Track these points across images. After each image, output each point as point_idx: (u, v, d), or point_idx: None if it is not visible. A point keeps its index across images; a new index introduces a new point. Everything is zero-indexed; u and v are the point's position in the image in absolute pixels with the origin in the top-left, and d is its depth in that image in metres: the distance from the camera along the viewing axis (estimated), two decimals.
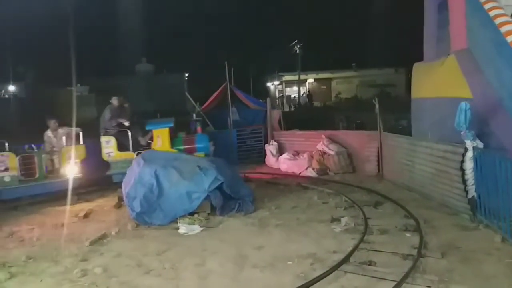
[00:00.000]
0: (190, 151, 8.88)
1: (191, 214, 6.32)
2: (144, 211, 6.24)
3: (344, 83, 37.36)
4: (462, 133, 5.72)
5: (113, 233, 5.93)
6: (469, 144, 5.65)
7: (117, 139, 8.89)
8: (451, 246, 4.83)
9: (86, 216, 6.95)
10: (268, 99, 13.54)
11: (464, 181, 5.74)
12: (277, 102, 33.55)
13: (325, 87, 37.70)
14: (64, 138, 8.45)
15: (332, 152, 9.81)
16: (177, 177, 6.47)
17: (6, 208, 7.59)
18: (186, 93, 16.38)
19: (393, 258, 4.59)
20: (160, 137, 8.82)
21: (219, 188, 6.52)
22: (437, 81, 7.36)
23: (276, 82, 40.19)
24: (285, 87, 39.16)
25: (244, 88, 16.76)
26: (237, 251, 5.05)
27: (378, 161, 9.00)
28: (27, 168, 7.86)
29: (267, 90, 40.20)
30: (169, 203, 6.30)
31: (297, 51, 34.06)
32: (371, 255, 4.66)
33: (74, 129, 8.57)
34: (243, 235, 5.68)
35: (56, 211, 7.43)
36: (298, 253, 4.84)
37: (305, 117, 18.41)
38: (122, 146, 8.91)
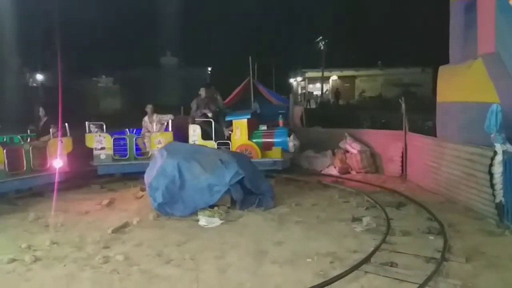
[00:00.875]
0: (267, 146, 9.20)
1: (212, 206, 6.36)
2: (165, 202, 6.32)
3: (368, 81, 36.82)
4: (492, 136, 5.56)
5: (134, 222, 6.02)
6: (499, 147, 5.49)
7: (202, 129, 9.47)
8: (476, 251, 4.70)
9: (109, 204, 7.09)
10: (290, 95, 13.47)
11: (492, 185, 5.58)
12: (299, 99, 33.37)
13: (348, 84, 37.27)
14: (155, 124, 9.40)
15: (354, 151, 9.68)
16: (199, 170, 6.51)
17: (32, 194, 7.81)
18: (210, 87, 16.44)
19: (416, 260, 4.50)
20: (239, 129, 9.30)
21: (240, 182, 6.53)
22: (464, 85, 7.15)
23: (299, 79, 39.95)
24: (308, 83, 38.89)
25: (267, 83, 16.71)
26: (256, 246, 5.05)
27: (402, 161, 8.83)
28: (119, 149, 9.18)
29: (290, 86, 40.03)
30: (190, 195, 6.35)
31: (321, 48, 33.73)
32: (392, 256, 4.58)
33: (168, 116, 9.61)
34: (263, 230, 5.68)
35: (79, 198, 7.59)
36: (318, 251, 4.80)
37: (328, 114, 18.25)
38: (206, 135, 9.44)
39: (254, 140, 9.33)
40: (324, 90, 34.58)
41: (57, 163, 8.00)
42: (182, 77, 26.52)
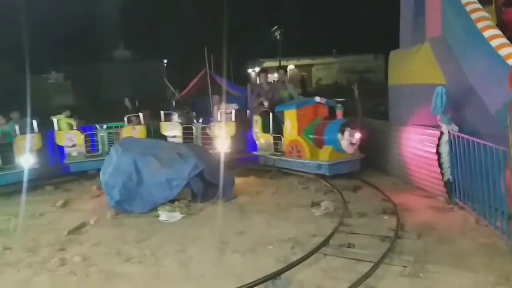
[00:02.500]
0: (318, 144, 7.67)
1: (172, 201, 6.29)
2: (123, 199, 6.18)
3: (324, 70, 37.49)
4: (437, 117, 5.83)
5: (91, 222, 5.86)
6: (444, 128, 5.77)
7: (262, 120, 8.68)
8: (427, 228, 4.96)
9: (64, 205, 6.84)
10: (248, 85, 13.47)
11: (440, 164, 5.87)
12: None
13: (305, 73, 37.75)
14: (219, 114, 9.00)
15: None
16: (156, 165, 6.40)
17: None
18: (165, 80, 16.17)
19: (371, 240, 4.69)
20: (289, 120, 7.98)
21: (200, 175, 6.49)
22: (413, 68, 7.47)
23: (257, 69, 39.98)
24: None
25: (224, 74, 16.62)
26: (218, 237, 5.06)
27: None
28: (187, 137, 9.25)
29: (248, 76, 39.98)
30: (149, 191, 6.24)
31: (277, 37, 33.90)
32: (350, 237, 4.74)
33: (233, 105, 9.29)
34: (224, 221, 5.69)
35: (33, 200, 7.27)
36: (279, 237, 4.89)
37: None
38: (266, 127, 8.64)
39: (305, 136, 7.84)
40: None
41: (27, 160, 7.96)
42: (137, 71, 25.84)
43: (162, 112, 9.67)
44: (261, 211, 6.03)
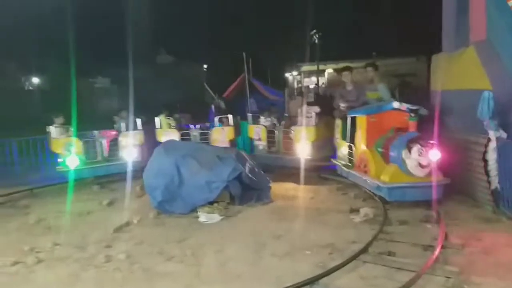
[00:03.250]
0: (386, 159, 6.39)
1: (211, 203, 6.41)
2: (165, 200, 6.37)
3: (362, 73, 36.78)
4: (485, 122, 5.61)
5: (135, 221, 6.08)
6: (492, 134, 5.55)
7: (342, 125, 7.87)
8: (472, 238, 4.78)
9: (109, 204, 7.14)
10: (286, 89, 13.51)
11: (486, 172, 5.65)
12: (295, 93, 33.33)
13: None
14: (300, 118, 8.82)
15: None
16: (197, 167, 6.56)
17: (33, 195, 7.87)
18: (205, 84, 16.51)
19: (413, 249, 4.58)
20: (360, 128, 6.95)
21: (238, 178, 6.58)
22: (457, 73, 7.22)
23: (295, 73, 39.90)
24: (304, 77, 38.83)
25: (262, 78, 16.76)
26: (255, 239, 5.11)
27: None
28: (270, 140, 9.46)
29: (285, 80, 39.98)
30: (189, 193, 6.40)
31: (316, 41, 33.67)
32: (390, 245, 4.65)
33: (315, 108, 8.83)
34: (262, 224, 5.74)
35: (80, 199, 7.64)
36: (317, 242, 4.87)
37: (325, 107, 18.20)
38: (344, 134, 7.69)
39: (375, 149, 6.66)
40: (320, 83, 34.54)
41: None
42: (179, 75, 26.54)
43: (249, 115, 9.81)
44: (299, 215, 6.03)
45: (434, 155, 5.83)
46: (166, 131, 9.64)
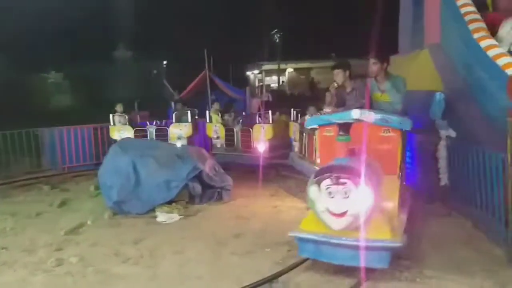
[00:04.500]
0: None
1: (170, 202, 6.28)
2: (121, 200, 6.16)
3: (323, 73, 37.52)
4: (436, 122, 5.86)
5: (89, 222, 5.84)
6: (442, 133, 5.80)
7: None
8: (425, 233, 4.96)
9: (61, 205, 6.82)
10: (247, 88, 13.51)
11: (437, 170, 5.89)
12: (257, 91, 33.46)
13: (303, 76, 37.81)
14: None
15: None
16: (155, 166, 6.39)
17: None
18: (164, 81, 16.19)
19: None
20: (316, 142, 6.13)
21: (198, 176, 6.49)
22: (412, 74, 7.48)
23: (256, 71, 40.05)
24: (265, 76, 39.08)
25: (223, 76, 16.66)
26: (215, 239, 5.06)
27: None
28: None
29: (247, 79, 40.04)
30: (147, 192, 6.24)
31: (277, 40, 33.97)
32: None
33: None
34: (222, 223, 5.69)
35: (29, 200, 7.26)
36: (276, 240, 4.88)
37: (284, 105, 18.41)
38: None
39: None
40: (281, 81, 34.93)
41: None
42: (137, 71, 25.89)
43: (293, 111, 9.52)
44: (258, 213, 6.03)
45: (355, 198, 3.63)
46: (215, 126, 9.89)
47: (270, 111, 9.07)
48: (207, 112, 10.28)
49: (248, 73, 41.19)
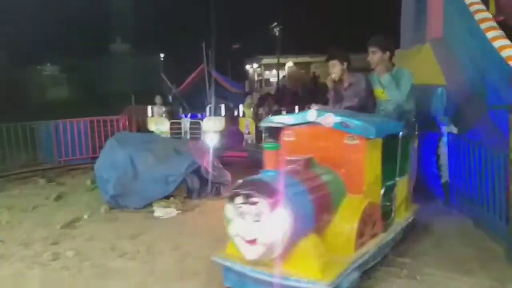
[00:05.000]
0: None
1: (167, 197, 6.22)
2: (118, 194, 6.10)
3: (322, 67, 37.44)
4: (438, 118, 5.81)
5: (85, 216, 5.78)
6: (444, 129, 5.75)
7: None
8: (425, 230, 4.93)
9: (57, 199, 6.76)
10: (246, 82, 13.43)
11: (438, 166, 5.85)
12: (256, 85, 33.37)
13: (303, 71, 37.71)
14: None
15: None
16: (152, 160, 6.33)
17: None
18: (162, 74, 16.06)
19: None
20: None
21: (196, 171, 6.43)
22: (413, 68, 7.42)
23: (255, 65, 39.89)
24: (264, 70, 38.95)
25: (222, 70, 16.58)
26: (213, 234, 4.99)
27: None
28: None
29: (246, 73, 39.91)
30: (145, 186, 6.17)
31: (277, 34, 33.77)
32: None
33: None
34: (220, 218, 5.60)
35: (25, 194, 7.20)
36: None
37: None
38: None
39: None
40: (281, 76, 34.79)
41: None
42: (134, 64, 25.72)
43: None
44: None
45: (267, 223, 2.92)
46: (246, 120, 9.93)
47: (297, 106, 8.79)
48: (208, 107, 10.11)
49: (248, 67, 41.04)
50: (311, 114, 3.74)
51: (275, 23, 33.62)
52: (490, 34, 4.85)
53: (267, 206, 2.90)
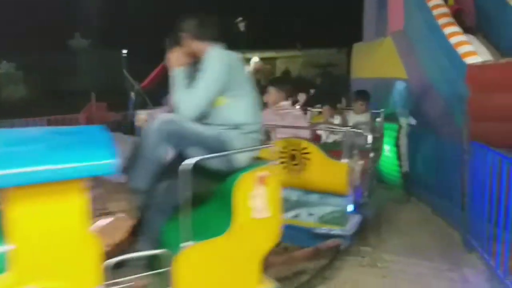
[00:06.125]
0: None
1: None
2: None
3: (288, 63, 37.65)
4: (397, 110, 5.95)
5: None
6: (403, 121, 5.90)
7: None
8: (385, 219, 5.04)
9: None
10: None
11: (398, 157, 6.00)
12: None
13: (269, 66, 37.72)
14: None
15: None
16: None
17: None
18: (124, 71, 15.61)
19: None
20: None
21: None
22: (376, 62, 7.54)
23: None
24: None
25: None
26: None
27: None
28: None
29: None
30: None
31: (242, 29, 33.61)
32: None
33: None
34: None
35: None
36: None
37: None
38: None
39: None
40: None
41: None
42: (94, 61, 24.88)
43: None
44: None
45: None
46: None
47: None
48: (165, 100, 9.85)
49: None
50: None
51: (240, 18, 33.44)
52: (447, 30, 4.95)
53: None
